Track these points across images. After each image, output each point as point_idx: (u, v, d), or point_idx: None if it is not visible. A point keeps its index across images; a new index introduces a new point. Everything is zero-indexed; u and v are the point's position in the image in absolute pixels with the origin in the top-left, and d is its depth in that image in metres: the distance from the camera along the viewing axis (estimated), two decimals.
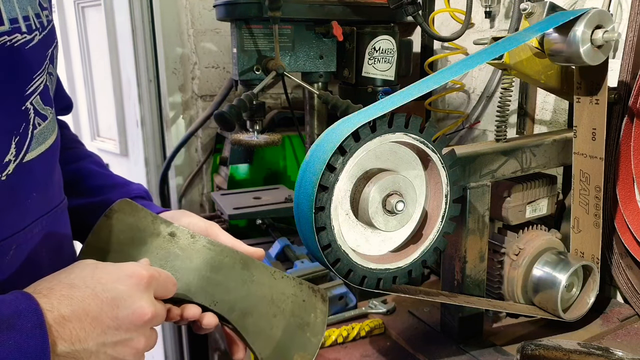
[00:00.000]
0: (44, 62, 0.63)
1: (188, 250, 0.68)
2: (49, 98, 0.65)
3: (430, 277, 1.32)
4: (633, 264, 1.08)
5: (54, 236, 0.69)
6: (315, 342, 0.73)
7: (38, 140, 0.63)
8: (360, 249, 0.80)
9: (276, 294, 0.71)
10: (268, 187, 1.84)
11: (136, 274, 0.56)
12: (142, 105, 2.16)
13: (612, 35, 0.86)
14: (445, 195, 0.83)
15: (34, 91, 0.61)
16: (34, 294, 0.52)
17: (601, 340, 1.01)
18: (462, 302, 0.92)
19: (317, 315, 0.74)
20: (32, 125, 0.62)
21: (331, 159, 0.71)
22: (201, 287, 0.67)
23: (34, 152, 0.63)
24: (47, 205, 0.68)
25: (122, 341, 0.55)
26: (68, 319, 0.51)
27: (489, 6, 1.38)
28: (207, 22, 2.00)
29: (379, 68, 1.33)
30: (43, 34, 0.62)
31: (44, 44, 0.63)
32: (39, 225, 0.65)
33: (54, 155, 0.70)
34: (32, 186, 0.63)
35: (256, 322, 0.69)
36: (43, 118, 0.64)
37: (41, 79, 0.63)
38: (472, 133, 1.55)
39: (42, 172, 0.66)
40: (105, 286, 0.54)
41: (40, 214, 0.66)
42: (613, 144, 1.05)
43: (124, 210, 0.67)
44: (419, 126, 0.77)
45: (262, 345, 0.69)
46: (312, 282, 0.76)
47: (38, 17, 0.61)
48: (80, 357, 0.52)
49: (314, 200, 0.71)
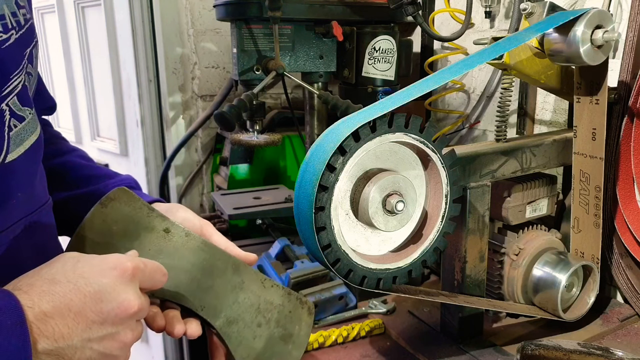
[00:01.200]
0: (21, 62, 0.61)
1: (181, 249, 0.66)
2: (27, 98, 0.63)
3: (430, 277, 1.32)
4: (633, 264, 1.08)
5: (38, 236, 0.67)
6: (296, 355, 0.72)
7: (15, 142, 0.61)
8: (360, 249, 0.80)
9: (264, 302, 0.71)
10: (268, 187, 1.84)
11: (120, 266, 0.54)
12: (142, 105, 2.16)
13: (612, 35, 0.86)
14: (445, 195, 0.83)
15: (10, 92, 0.59)
16: (14, 290, 0.50)
17: (601, 340, 1.01)
18: (462, 302, 0.92)
19: (302, 327, 0.74)
20: (8, 127, 0.60)
21: (331, 159, 0.71)
22: (190, 289, 0.66)
23: (15, 153, 0.61)
24: (32, 205, 0.66)
25: (108, 335, 0.53)
26: (50, 315, 0.50)
27: (489, 6, 1.38)
28: (207, 22, 2.00)
29: (379, 68, 1.33)
30: (20, 32, 0.60)
31: (21, 43, 0.61)
32: (23, 225, 0.64)
33: (37, 155, 0.68)
34: (16, 186, 0.62)
35: (240, 330, 0.69)
36: (20, 119, 0.62)
37: (19, 79, 0.61)
38: (472, 133, 1.55)
39: (26, 172, 0.64)
40: (88, 280, 0.52)
41: (25, 214, 0.65)
42: (613, 144, 1.05)
43: (121, 199, 0.65)
44: (419, 126, 0.77)
45: (243, 354, 0.69)
46: (311, 282, 0.76)
47: (14, 15, 0.60)
48: (64, 354, 0.51)
49: (314, 200, 0.71)
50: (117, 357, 0.55)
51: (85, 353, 0.52)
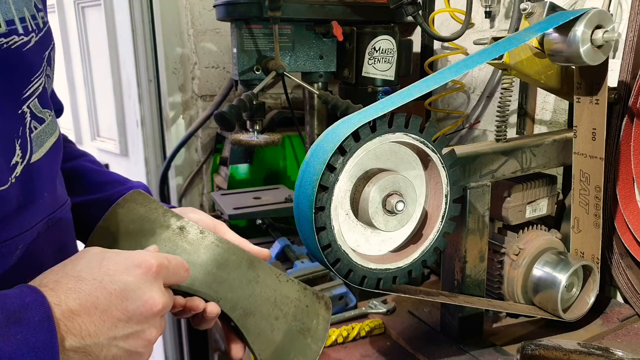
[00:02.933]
0: (41, 64, 0.63)
1: (196, 245, 0.67)
2: (46, 100, 0.65)
3: (430, 277, 1.32)
4: (633, 264, 1.08)
5: (58, 235, 0.69)
6: (316, 349, 0.72)
7: (37, 143, 0.63)
8: (360, 249, 0.80)
9: (280, 296, 0.71)
10: (268, 187, 1.84)
11: (145, 264, 0.55)
12: (142, 105, 2.16)
13: (612, 35, 0.86)
14: (445, 195, 0.83)
15: (32, 94, 0.61)
16: (40, 287, 0.51)
17: (601, 340, 1.01)
18: (462, 302, 0.92)
19: (319, 322, 0.73)
20: (29, 129, 0.61)
21: (331, 159, 0.71)
22: (206, 282, 0.67)
23: (38, 154, 0.63)
24: (54, 204, 0.68)
25: (133, 334, 0.54)
26: (77, 313, 0.50)
27: (489, 6, 1.38)
28: (207, 22, 2.00)
29: (379, 68, 1.33)
30: (40, 35, 0.62)
31: (41, 46, 0.62)
32: (45, 224, 0.65)
33: (57, 155, 0.70)
34: (42, 186, 0.64)
35: (257, 322, 0.69)
36: (40, 121, 0.63)
37: (39, 81, 0.62)
38: (472, 133, 1.55)
39: (49, 172, 0.66)
40: (113, 277, 0.53)
41: (48, 213, 0.66)
42: (613, 144, 1.05)
43: (136, 200, 0.67)
44: (419, 126, 0.77)
45: (262, 346, 0.69)
46: (311, 282, 0.76)
47: (34, 18, 0.61)
48: (91, 351, 0.51)
49: (314, 200, 0.71)
50: (142, 354, 0.56)
51: (111, 350, 0.53)
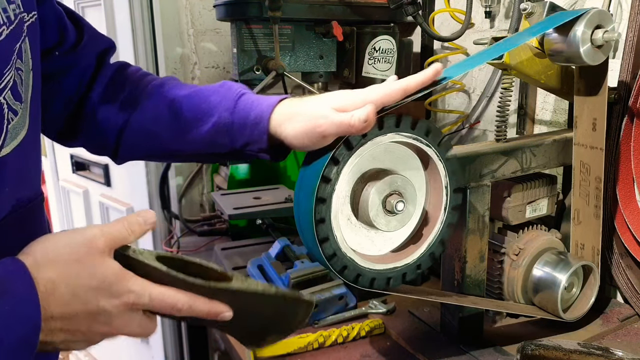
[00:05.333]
0: (11, 57, 0.63)
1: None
2: (18, 93, 0.65)
3: (430, 278, 1.32)
4: (633, 264, 1.08)
5: (27, 233, 0.67)
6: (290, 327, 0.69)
7: (12, 135, 0.63)
8: (364, 251, 0.81)
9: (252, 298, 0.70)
10: (268, 187, 1.84)
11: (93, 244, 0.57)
12: None
13: (612, 35, 0.86)
14: (445, 187, 0.83)
15: (5, 86, 0.61)
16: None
17: (601, 340, 1.01)
18: (462, 302, 0.92)
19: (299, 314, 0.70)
20: (7, 119, 0.62)
21: (325, 170, 0.71)
22: None
23: (8, 148, 0.62)
24: (20, 200, 0.67)
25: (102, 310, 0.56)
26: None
27: (489, 6, 1.38)
28: (207, 22, 2.00)
29: (379, 68, 1.33)
30: (10, 28, 0.62)
31: (12, 39, 0.63)
32: (11, 221, 0.65)
33: (28, 150, 0.69)
34: (4, 181, 0.63)
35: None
36: (15, 113, 0.64)
37: (10, 74, 0.63)
38: (472, 133, 1.55)
39: (16, 167, 0.65)
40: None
41: (13, 210, 0.65)
42: (613, 144, 1.05)
43: None
44: (410, 124, 0.77)
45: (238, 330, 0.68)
46: (312, 282, 0.75)
47: (5, 11, 0.61)
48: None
49: (314, 214, 0.71)
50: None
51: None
